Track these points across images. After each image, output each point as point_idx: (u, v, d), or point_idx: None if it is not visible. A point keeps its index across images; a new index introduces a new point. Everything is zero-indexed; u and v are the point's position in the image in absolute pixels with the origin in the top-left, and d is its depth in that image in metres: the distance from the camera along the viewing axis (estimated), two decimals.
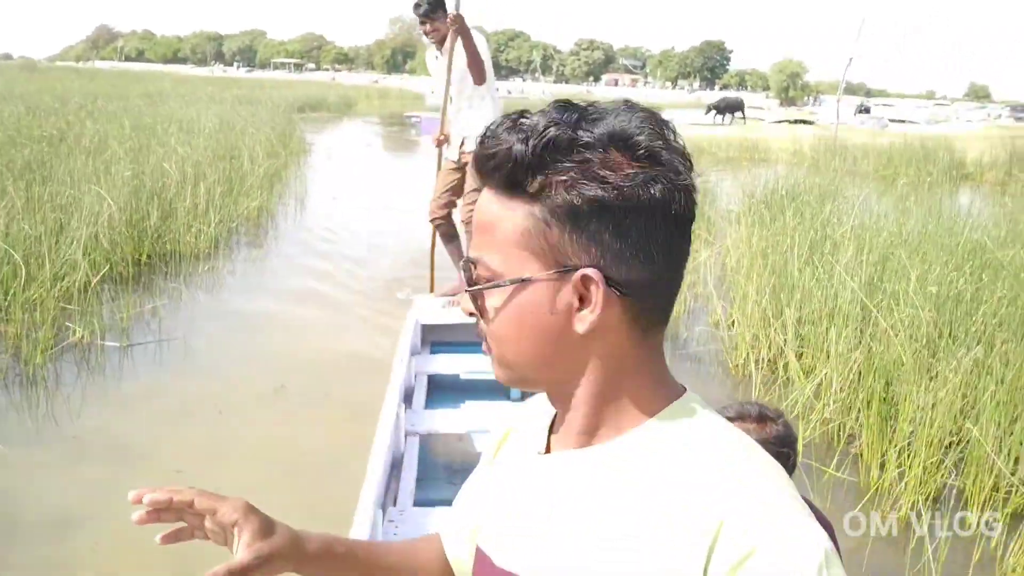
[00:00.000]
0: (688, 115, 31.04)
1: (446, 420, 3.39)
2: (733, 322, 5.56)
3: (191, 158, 9.22)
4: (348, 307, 6.24)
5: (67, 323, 4.94)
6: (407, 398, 3.60)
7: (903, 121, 36.44)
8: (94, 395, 4.40)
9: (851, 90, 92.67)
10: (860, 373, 4.32)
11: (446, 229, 5.12)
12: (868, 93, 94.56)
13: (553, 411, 0.83)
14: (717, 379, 5.09)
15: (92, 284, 5.44)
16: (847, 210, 7.93)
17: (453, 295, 4.74)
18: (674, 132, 0.71)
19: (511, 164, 0.68)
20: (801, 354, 4.92)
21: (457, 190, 5.04)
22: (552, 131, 0.68)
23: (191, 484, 0.82)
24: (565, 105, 0.71)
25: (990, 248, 5.75)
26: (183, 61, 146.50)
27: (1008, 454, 3.56)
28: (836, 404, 4.23)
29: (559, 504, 0.75)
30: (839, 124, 24.73)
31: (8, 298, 4.90)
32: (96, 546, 3.01)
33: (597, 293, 0.69)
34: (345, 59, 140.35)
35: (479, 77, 4.73)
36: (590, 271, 0.69)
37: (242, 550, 0.79)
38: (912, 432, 3.70)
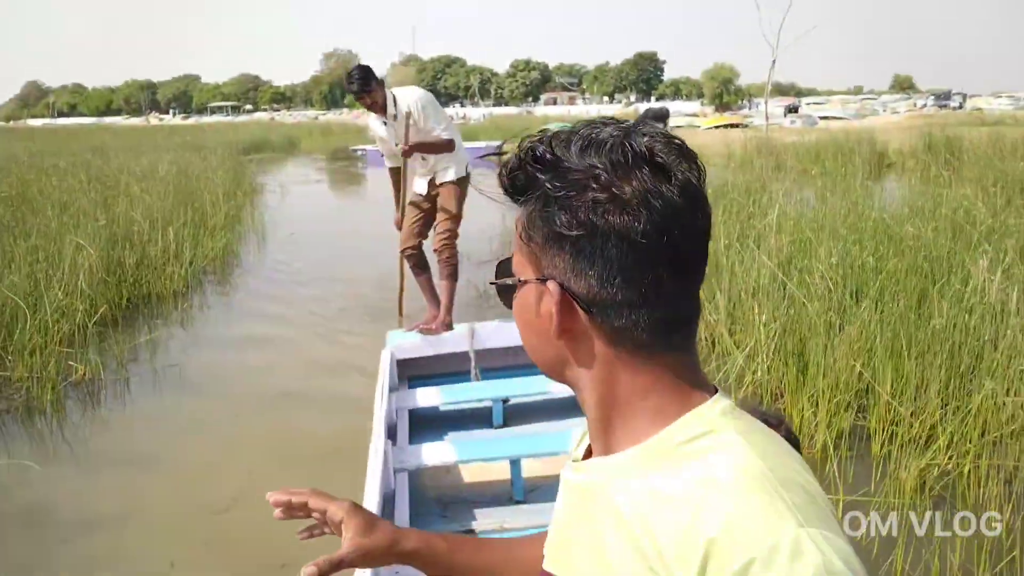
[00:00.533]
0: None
1: (432, 453, 3.36)
2: None
3: (155, 206, 9.65)
4: (320, 336, 6.61)
5: (69, 362, 5.38)
6: (391, 434, 3.63)
7: (833, 118, 37.98)
8: (102, 421, 4.87)
9: (783, 91, 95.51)
10: (781, 338, 4.98)
11: (416, 260, 5.22)
12: (799, 93, 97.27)
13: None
14: None
15: (89, 326, 5.90)
16: (771, 203, 8.69)
17: (428, 326, 4.84)
18: (679, 157, 0.70)
19: (509, 171, 0.75)
20: (732, 330, 5.58)
21: (427, 221, 5.18)
22: (539, 148, 0.72)
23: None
24: (590, 123, 0.72)
25: (890, 225, 6.51)
26: (117, 112, 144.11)
27: (901, 392, 4.23)
28: (764, 368, 4.88)
29: (570, 517, 0.80)
30: (770, 124, 25.90)
31: (13, 343, 5.33)
32: (120, 544, 3.51)
33: (552, 304, 0.73)
34: (283, 98, 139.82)
35: (446, 147, 4.96)
36: (550, 284, 0.73)
37: (344, 545, 0.91)
38: (821, 380, 4.36)
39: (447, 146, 4.95)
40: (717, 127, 34.84)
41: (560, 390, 3.81)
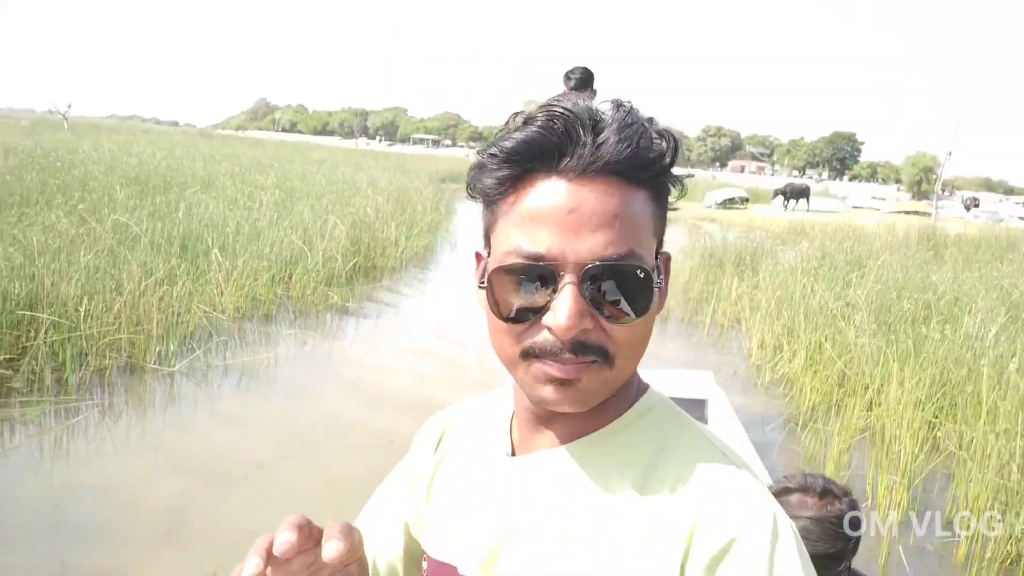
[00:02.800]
0: (820, 202, 32.82)
1: None
2: (745, 325, 8.11)
3: (382, 206, 12.57)
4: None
5: (328, 292, 8.09)
6: None
7: None
8: (346, 327, 7.46)
9: (990, 187, 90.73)
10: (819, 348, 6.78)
11: None
12: (1010, 191, 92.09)
13: (504, 412, 0.85)
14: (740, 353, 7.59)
15: (340, 275, 8.66)
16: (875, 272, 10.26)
17: None
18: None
19: (640, 144, 0.68)
20: (792, 348, 7.40)
21: None
22: (629, 113, 0.70)
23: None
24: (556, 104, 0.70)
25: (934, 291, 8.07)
26: (331, 133, 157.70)
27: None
28: (796, 363, 6.68)
29: (538, 509, 0.75)
30: (953, 217, 26.08)
31: (296, 275, 8.11)
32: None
33: (664, 272, 0.75)
34: (479, 137, 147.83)
35: None
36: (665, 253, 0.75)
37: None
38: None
39: None
40: (897, 212, 34.92)
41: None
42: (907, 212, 33.85)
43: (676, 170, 0.72)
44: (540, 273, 0.67)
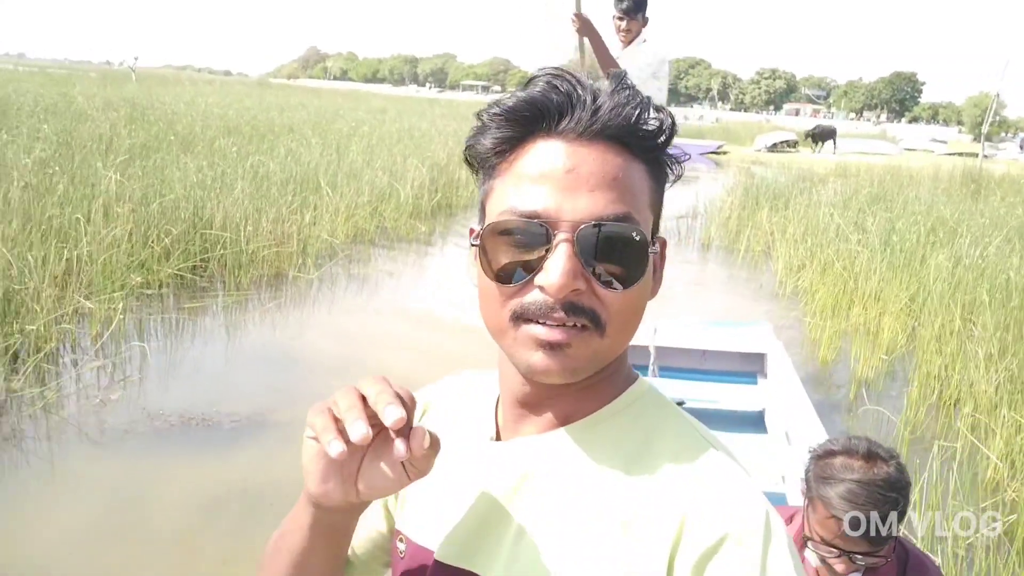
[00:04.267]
0: (870, 144, 33.04)
1: None
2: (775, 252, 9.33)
3: (451, 150, 13.96)
4: None
5: (417, 224, 9.54)
6: None
7: None
8: (432, 253, 8.89)
9: None
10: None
11: None
12: None
13: (489, 394, 0.83)
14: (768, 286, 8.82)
15: (425, 210, 10.12)
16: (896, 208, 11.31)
17: None
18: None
19: (641, 117, 0.70)
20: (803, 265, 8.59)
21: None
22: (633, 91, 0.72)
23: None
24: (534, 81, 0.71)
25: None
26: (381, 81, 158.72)
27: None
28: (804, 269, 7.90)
29: (520, 495, 0.74)
30: (1004, 159, 26.24)
31: (388, 208, 9.58)
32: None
33: (660, 252, 0.75)
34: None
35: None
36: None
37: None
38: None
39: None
40: (950, 154, 34.73)
41: (735, 402, 4.11)
42: (963, 154, 33.48)
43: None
44: (534, 231, 0.66)
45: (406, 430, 0.64)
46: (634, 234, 0.68)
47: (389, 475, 0.66)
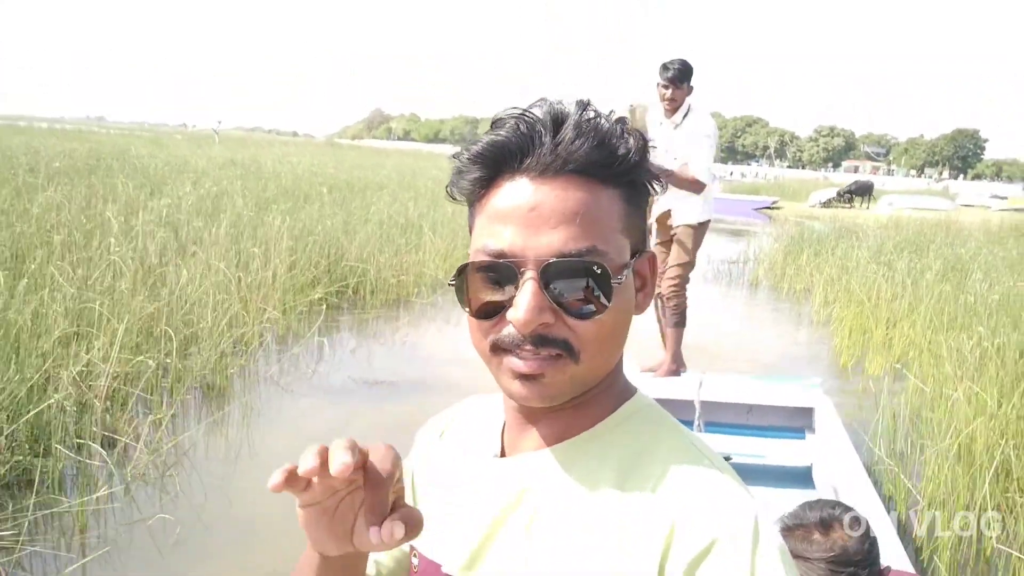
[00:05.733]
0: (924, 200, 32.67)
1: None
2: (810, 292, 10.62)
3: None
4: None
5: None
6: None
7: None
8: None
9: None
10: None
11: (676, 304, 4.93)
12: None
13: (499, 414, 0.86)
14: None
15: None
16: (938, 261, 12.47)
17: (653, 369, 4.91)
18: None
19: (617, 142, 0.73)
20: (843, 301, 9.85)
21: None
22: (596, 117, 0.74)
23: None
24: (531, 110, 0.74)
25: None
26: (443, 141, 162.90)
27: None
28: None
29: (520, 509, 0.77)
30: None
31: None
32: None
33: (647, 271, 0.79)
34: None
35: (695, 187, 4.69)
36: (650, 251, 0.79)
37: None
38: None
39: (696, 186, 4.70)
40: (1008, 209, 34.23)
41: (783, 458, 4.07)
42: (1016, 210, 32.87)
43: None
44: (503, 270, 0.70)
45: (384, 492, 0.64)
46: (595, 268, 0.70)
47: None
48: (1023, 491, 3.95)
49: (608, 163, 0.72)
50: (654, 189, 0.77)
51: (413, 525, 0.64)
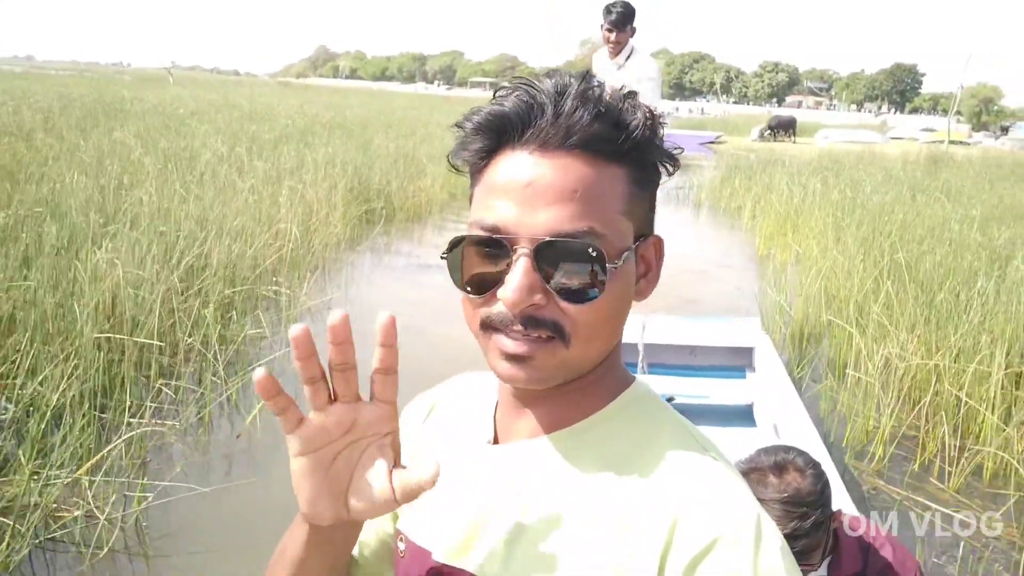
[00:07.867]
0: (857, 133, 34.75)
1: None
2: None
3: None
4: None
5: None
6: None
7: None
8: None
9: None
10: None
11: None
12: None
13: (490, 396, 0.84)
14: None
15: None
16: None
17: None
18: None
19: (624, 124, 0.71)
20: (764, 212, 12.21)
21: None
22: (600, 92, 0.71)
23: None
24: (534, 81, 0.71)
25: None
26: (390, 79, 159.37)
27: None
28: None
29: (515, 498, 0.75)
30: (974, 143, 28.46)
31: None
32: None
33: (652, 257, 0.77)
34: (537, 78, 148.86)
35: None
36: (654, 236, 0.76)
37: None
38: None
39: None
40: (934, 142, 35.62)
41: (724, 397, 4.20)
42: (952, 142, 31.47)
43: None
44: (496, 245, 0.68)
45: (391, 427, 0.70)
46: (591, 250, 0.67)
47: (375, 496, 0.67)
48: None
49: (612, 137, 0.69)
50: (667, 170, 0.75)
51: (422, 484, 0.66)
